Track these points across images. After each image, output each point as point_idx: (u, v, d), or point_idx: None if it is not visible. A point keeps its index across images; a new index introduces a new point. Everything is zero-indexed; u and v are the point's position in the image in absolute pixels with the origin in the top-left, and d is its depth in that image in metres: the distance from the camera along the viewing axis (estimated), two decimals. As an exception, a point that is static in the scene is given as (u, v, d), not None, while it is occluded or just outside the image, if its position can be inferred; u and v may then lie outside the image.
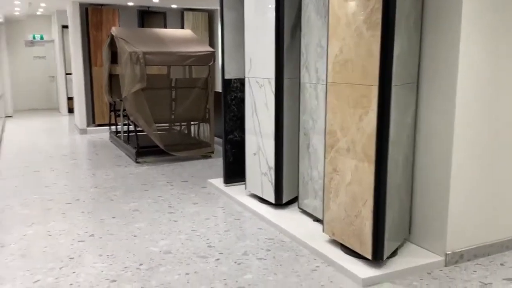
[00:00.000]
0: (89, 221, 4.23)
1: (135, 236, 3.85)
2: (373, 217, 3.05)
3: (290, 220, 4.03)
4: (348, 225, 3.25)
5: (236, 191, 4.87)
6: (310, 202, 4.01)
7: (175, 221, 4.21)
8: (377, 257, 3.10)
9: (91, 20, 9.29)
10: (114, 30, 7.22)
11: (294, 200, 4.34)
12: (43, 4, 10.03)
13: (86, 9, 9.28)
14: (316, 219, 3.94)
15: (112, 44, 7.38)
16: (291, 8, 4.05)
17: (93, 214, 4.43)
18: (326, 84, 3.35)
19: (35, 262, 3.35)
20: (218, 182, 5.21)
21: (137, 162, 6.57)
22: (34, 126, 10.64)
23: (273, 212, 4.24)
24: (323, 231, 3.53)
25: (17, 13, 11.06)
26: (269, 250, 3.55)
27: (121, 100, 7.08)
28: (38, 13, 11.86)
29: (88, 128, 9.44)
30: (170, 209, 4.53)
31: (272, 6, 4.04)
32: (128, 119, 6.98)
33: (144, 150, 6.69)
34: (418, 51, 3.26)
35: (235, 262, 3.34)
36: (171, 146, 6.64)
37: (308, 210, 4.07)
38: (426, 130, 3.28)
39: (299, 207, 4.19)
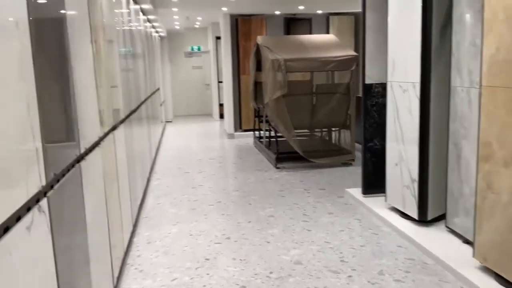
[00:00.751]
0: (227, 224, 4.37)
1: (268, 242, 3.86)
2: (537, 246, 2.57)
3: (435, 239, 3.64)
4: (504, 252, 2.78)
5: (375, 203, 4.58)
6: (460, 221, 3.56)
7: (308, 230, 4.11)
8: (542, 295, 2.59)
9: (241, 30, 9.74)
10: (259, 39, 7.44)
11: (441, 218, 3.90)
12: (199, 18, 10.86)
13: (236, 20, 9.76)
14: (467, 241, 3.48)
15: (258, 52, 7.61)
16: (441, 5, 3.68)
17: (231, 217, 4.58)
18: (480, 88, 2.93)
19: (175, 261, 3.56)
20: (357, 192, 4.97)
21: (277, 168, 6.65)
22: (189, 130, 11.58)
23: (415, 229, 3.87)
24: (473, 255, 3.09)
25: (177, 27, 12.19)
26: (409, 272, 3.23)
27: (264, 107, 7.26)
28: (196, 26, 12.89)
29: (236, 133, 9.90)
30: (304, 217, 4.45)
31: (419, 4, 3.70)
32: (270, 125, 7.12)
33: (284, 155, 6.75)
34: None
35: (369, 281, 3.11)
36: (310, 152, 6.58)
37: (457, 230, 3.62)
38: None
39: (446, 226, 3.75)
